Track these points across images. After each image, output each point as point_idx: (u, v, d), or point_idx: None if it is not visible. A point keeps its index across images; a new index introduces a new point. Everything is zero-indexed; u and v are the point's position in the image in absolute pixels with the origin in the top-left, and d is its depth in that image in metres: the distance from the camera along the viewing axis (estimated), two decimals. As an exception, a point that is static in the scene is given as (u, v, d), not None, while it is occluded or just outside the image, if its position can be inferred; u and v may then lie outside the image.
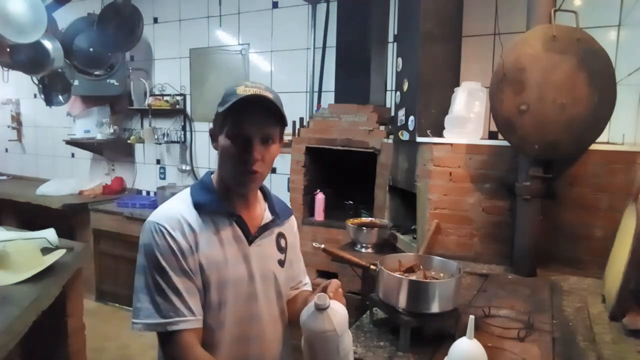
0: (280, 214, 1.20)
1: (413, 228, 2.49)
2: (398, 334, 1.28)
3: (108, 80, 4.07)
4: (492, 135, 2.46)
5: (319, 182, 3.11)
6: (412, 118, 2.29)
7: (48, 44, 3.35)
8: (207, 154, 4.05)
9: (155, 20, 4.19)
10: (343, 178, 3.15)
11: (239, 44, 3.76)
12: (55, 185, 4.31)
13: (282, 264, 1.19)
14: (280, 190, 3.44)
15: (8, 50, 3.21)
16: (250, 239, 1.12)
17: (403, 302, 1.27)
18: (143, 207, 3.92)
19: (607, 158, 1.91)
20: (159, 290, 0.99)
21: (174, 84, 4.10)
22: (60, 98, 4.03)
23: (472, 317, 1.02)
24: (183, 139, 4.11)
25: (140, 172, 4.51)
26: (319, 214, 2.97)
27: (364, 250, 2.54)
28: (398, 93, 2.54)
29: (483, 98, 2.23)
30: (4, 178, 5.25)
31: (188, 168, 4.11)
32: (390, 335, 1.36)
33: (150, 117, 4.13)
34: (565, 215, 1.99)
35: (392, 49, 3.06)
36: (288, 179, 3.20)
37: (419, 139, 2.24)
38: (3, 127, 5.33)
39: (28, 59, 3.34)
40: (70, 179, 4.53)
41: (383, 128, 2.76)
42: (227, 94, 1.04)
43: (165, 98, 4.06)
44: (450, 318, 1.31)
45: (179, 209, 1.06)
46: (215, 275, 1.05)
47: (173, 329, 0.98)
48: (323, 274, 2.86)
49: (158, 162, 4.37)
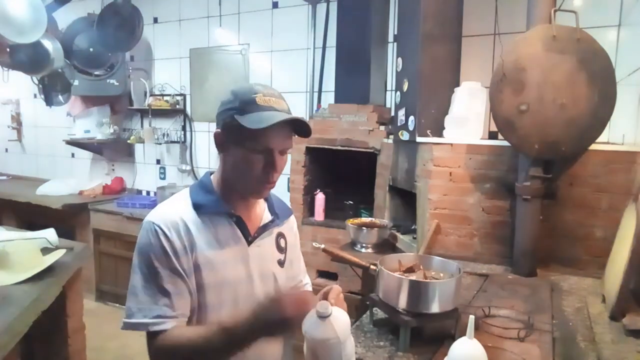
0: (280, 214, 1.20)
1: (413, 228, 2.49)
2: (398, 334, 1.28)
3: (108, 80, 4.07)
4: (492, 135, 2.45)
5: (319, 182, 3.11)
6: (412, 118, 2.29)
7: (48, 44, 3.35)
8: (207, 154, 4.05)
9: (155, 20, 4.19)
10: (343, 178, 3.15)
11: (239, 44, 3.76)
12: (55, 185, 4.31)
13: (281, 264, 1.19)
14: (280, 190, 3.44)
15: (8, 50, 3.21)
16: (250, 240, 1.12)
17: (403, 302, 1.27)
18: (143, 207, 3.92)
19: (607, 158, 1.91)
20: (147, 290, 0.99)
21: (174, 84, 4.10)
22: (60, 98, 4.03)
23: (472, 317, 1.01)
24: (183, 139, 4.11)
25: (140, 172, 4.51)
26: (319, 214, 2.97)
27: (364, 250, 2.54)
28: (398, 93, 2.54)
29: (483, 98, 2.22)
30: (4, 178, 5.25)
31: (188, 168, 4.11)
32: (390, 335, 1.36)
33: (150, 117, 4.13)
34: (565, 215, 1.99)
35: (392, 49, 3.06)
36: (288, 179, 3.20)
37: (419, 139, 2.24)
38: (3, 127, 5.33)
39: (28, 59, 3.34)
40: (70, 179, 4.53)
41: (383, 128, 2.76)
42: (245, 101, 1.00)
43: (165, 98, 4.06)
44: (450, 318, 1.31)
45: (178, 209, 1.06)
46: (213, 276, 1.05)
47: (156, 329, 0.98)
48: (323, 274, 2.86)
49: (158, 162, 4.37)
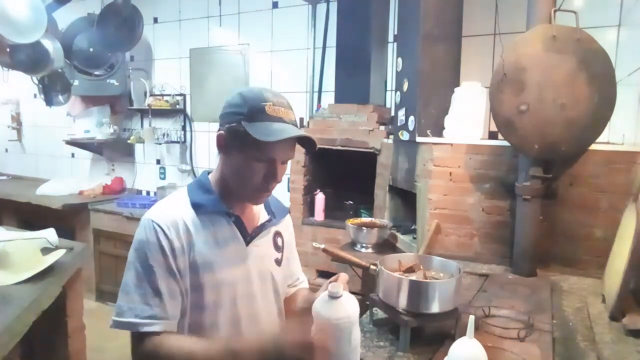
0: (277, 213, 1.21)
1: (413, 228, 2.49)
2: (398, 334, 1.28)
3: (108, 80, 4.07)
4: (492, 135, 2.46)
5: (319, 182, 3.11)
6: (412, 118, 2.29)
7: (48, 44, 3.35)
8: (207, 154, 4.05)
9: (155, 20, 4.19)
10: (343, 178, 3.15)
11: (239, 44, 3.76)
12: (55, 185, 4.31)
13: (279, 263, 1.19)
14: (280, 190, 3.44)
15: (8, 50, 3.21)
16: (248, 239, 1.12)
17: (403, 302, 1.27)
18: (143, 207, 3.91)
19: (607, 158, 1.91)
20: (139, 289, 0.99)
21: (174, 84, 4.10)
22: (60, 98, 4.03)
23: (472, 317, 1.02)
24: (183, 139, 4.11)
25: (140, 172, 4.50)
26: (319, 214, 2.97)
27: (364, 250, 2.54)
28: (398, 93, 2.54)
29: (483, 98, 2.22)
30: (4, 178, 5.25)
31: (188, 168, 4.11)
32: (390, 335, 1.36)
33: (150, 117, 4.13)
34: (565, 215, 1.99)
35: (392, 49, 3.06)
36: (288, 179, 3.20)
37: (419, 139, 2.24)
38: (3, 127, 5.33)
39: (28, 59, 3.33)
40: (70, 179, 4.53)
41: (383, 128, 2.76)
42: (254, 109, 1.00)
43: (165, 98, 4.06)
44: (450, 318, 1.31)
45: (176, 208, 1.06)
46: (211, 276, 1.05)
47: (146, 330, 0.98)
48: (323, 274, 2.86)
49: (158, 162, 4.37)
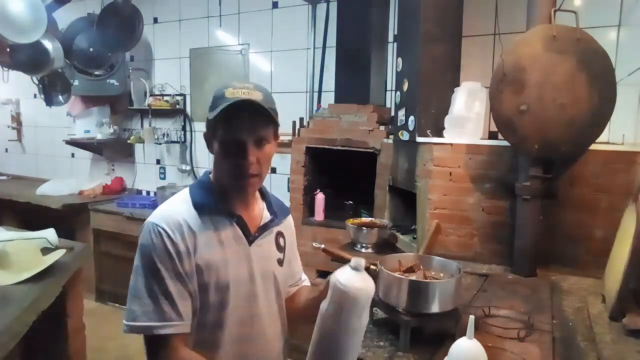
0: (279, 213, 1.21)
1: (413, 228, 2.49)
2: (398, 334, 1.28)
3: (108, 80, 4.07)
4: (492, 135, 2.45)
5: (319, 182, 3.11)
6: (412, 118, 2.29)
7: (48, 44, 3.34)
8: (207, 154, 4.05)
9: (155, 20, 4.19)
10: (343, 178, 3.15)
11: (239, 44, 3.76)
12: (55, 185, 4.31)
13: (281, 263, 1.19)
14: (280, 190, 3.44)
15: (8, 50, 3.21)
16: (251, 239, 1.12)
17: (403, 302, 1.27)
18: (143, 207, 3.92)
19: (607, 158, 1.91)
20: (151, 293, 0.99)
21: (174, 84, 4.10)
22: (60, 98, 4.03)
23: (472, 317, 1.02)
24: (183, 139, 4.11)
25: (140, 172, 4.50)
26: (319, 214, 2.97)
27: (364, 250, 2.54)
28: (398, 93, 2.54)
29: (483, 98, 2.22)
30: (4, 178, 5.25)
31: (188, 168, 4.11)
32: (390, 335, 1.36)
33: (150, 117, 4.13)
34: (565, 215, 1.99)
35: (392, 49, 3.06)
36: (288, 179, 3.20)
37: (419, 139, 2.24)
38: (3, 127, 5.33)
39: (28, 59, 3.33)
40: (70, 179, 4.53)
41: (383, 128, 2.76)
42: (216, 97, 1.03)
43: (165, 98, 4.06)
44: (450, 318, 1.31)
45: (179, 210, 1.06)
46: (215, 276, 1.05)
47: (159, 333, 0.98)
48: (323, 274, 2.86)
49: (158, 162, 4.37)
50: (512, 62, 1.82)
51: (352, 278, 0.94)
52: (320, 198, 2.97)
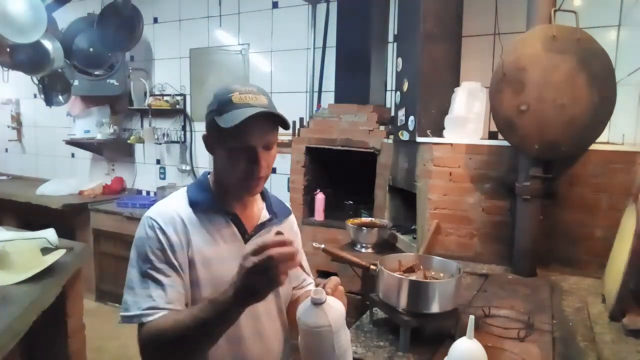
0: (279, 213, 1.20)
1: (413, 228, 2.49)
2: (398, 334, 1.28)
3: (108, 80, 4.07)
4: (492, 135, 2.45)
5: (319, 182, 3.11)
6: (412, 118, 2.29)
7: (48, 44, 3.34)
8: (207, 154, 4.01)
9: (155, 20, 4.19)
10: (343, 178, 3.15)
11: (239, 44, 3.76)
12: (55, 185, 4.31)
13: None
14: (280, 190, 3.44)
15: (8, 50, 3.21)
16: (247, 237, 1.12)
17: (403, 302, 1.27)
18: (143, 207, 3.91)
19: (607, 158, 1.91)
20: (142, 284, 1.00)
21: (174, 84, 4.10)
22: (60, 98, 4.03)
23: (472, 317, 1.02)
24: (183, 139, 4.11)
25: (140, 172, 4.50)
26: (319, 214, 2.97)
27: (364, 250, 2.54)
28: (398, 93, 2.54)
29: (483, 98, 2.22)
30: (4, 178, 5.25)
31: (188, 168, 4.11)
32: (390, 335, 1.36)
33: (150, 117, 4.13)
34: (565, 215, 1.99)
35: (392, 49, 3.06)
36: (288, 179, 3.20)
37: (419, 139, 2.24)
38: (3, 127, 5.33)
39: (28, 59, 3.33)
40: (70, 179, 4.53)
41: (383, 128, 2.76)
42: (222, 102, 1.02)
43: (165, 98, 4.06)
44: (450, 318, 1.31)
45: (175, 206, 1.07)
46: (209, 273, 1.05)
47: (147, 320, 0.98)
48: (323, 274, 2.85)
49: (158, 162, 4.37)
50: (512, 62, 1.82)
51: (312, 315, 0.91)
52: (320, 198, 2.97)
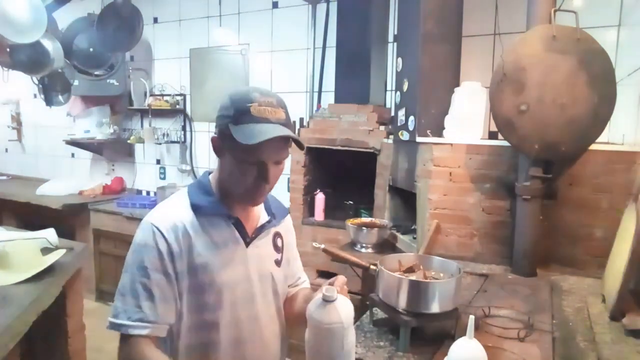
0: (277, 214, 1.20)
1: (413, 228, 2.49)
2: (398, 334, 1.28)
3: (108, 80, 4.07)
4: (492, 135, 2.46)
5: (319, 182, 3.11)
6: (412, 118, 2.29)
7: (48, 44, 3.34)
8: (207, 154, 4.05)
9: (155, 20, 4.19)
10: (343, 178, 3.15)
11: (239, 44, 3.76)
12: (55, 185, 4.31)
13: (278, 264, 1.19)
14: (280, 190, 3.44)
15: (8, 50, 3.21)
16: (248, 241, 1.12)
17: (403, 302, 1.27)
18: (143, 207, 3.91)
19: (607, 158, 1.91)
20: (134, 292, 1.00)
21: (174, 84, 4.10)
22: (60, 98, 4.02)
23: (472, 317, 1.02)
24: (183, 139, 4.11)
25: (140, 172, 4.50)
26: (319, 214, 2.97)
27: (364, 250, 2.54)
28: (398, 93, 2.54)
29: (483, 98, 2.22)
30: (4, 178, 5.25)
31: (188, 168, 4.11)
32: (390, 335, 1.36)
33: (150, 117, 4.13)
34: (565, 215, 1.99)
35: (392, 49, 3.06)
36: (288, 179, 3.19)
37: (419, 139, 2.24)
38: (3, 127, 5.33)
39: (28, 59, 3.33)
40: (70, 179, 4.53)
41: (383, 128, 2.76)
42: (239, 111, 0.97)
43: (165, 98, 4.05)
44: (450, 318, 1.31)
45: (176, 211, 1.06)
46: (211, 278, 1.05)
47: (134, 333, 0.98)
48: (323, 274, 2.85)
49: (158, 162, 4.37)
50: (512, 62, 1.82)
51: (325, 312, 0.93)
52: (320, 198, 2.97)
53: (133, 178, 4.55)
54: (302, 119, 3.32)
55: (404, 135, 2.37)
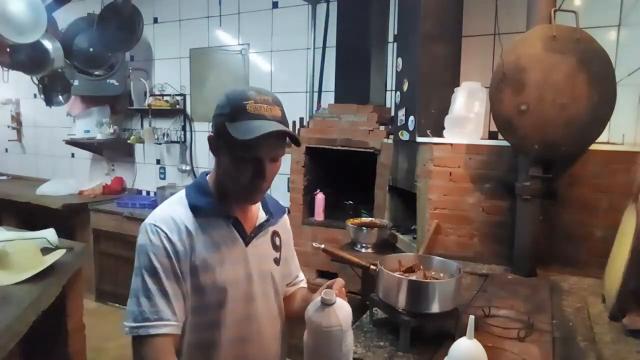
0: (274, 213, 1.21)
1: (413, 228, 2.49)
2: (398, 334, 1.28)
3: (108, 80, 4.07)
4: (492, 135, 2.45)
5: (319, 182, 3.11)
6: (412, 118, 2.29)
7: (48, 44, 3.34)
8: (207, 154, 4.05)
9: (155, 20, 4.19)
10: (343, 178, 3.15)
11: (239, 44, 3.76)
12: (55, 185, 4.31)
13: (277, 262, 1.20)
14: (280, 190, 3.44)
15: (8, 50, 3.21)
16: (247, 240, 1.12)
17: (403, 302, 1.27)
18: (143, 207, 3.92)
19: (607, 158, 1.91)
20: (147, 293, 0.99)
21: (174, 84, 4.10)
22: (60, 98, 4.02)
23: (472, 317, 1.02)
24: (183, 139, 4.11)
25: (140, 172, 4.50)
26: (319, 214, 2.97)
27: (364, 250, 2.54)
28: (398, 93, 2.54)
29: (483, 98, 2.22)
30: (4, 178, 5.25)
31: (188, 168, 4.11)
32: (390, 335, 1.36)
33: (150, 117, 4.13)
34: (565, 215, 1.99)
35: (392, 49, 3.06)
36: (288, 179, 3.19)
37: (419, 139, 2.24)
38: (3, 127, 5.33)
39: (28, 59, 3.33)
40: (70, 179, 4.53)
41: (383, 128, 2.76)
42: (235, 108, 0.98)
43: (165, 98, 4.06)
44: (450, 318, 1.31)
45: (176, 212, 1.06)
46: (212, 277, 1.05)
47: (154, 333, 0.98)
48: (323, 274, 2.86)
49: (158, 162, 4.37)
50: (512, 62, 1.82)
51: (323, 315, 0.94)
52: (320, 198, 2.97)
53: (133, 178, 4.55)
54: (302, 119, 3.32)
55: (404, 135, 2.37)
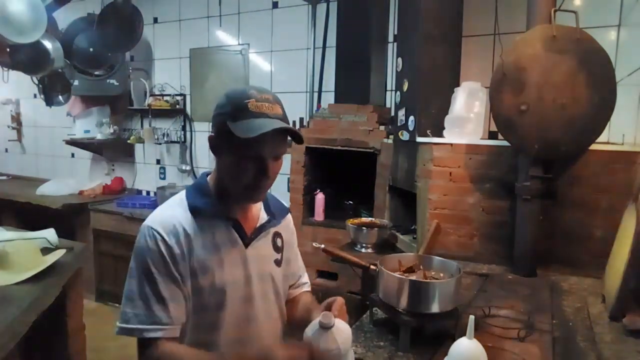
0: (276, 214, 1.20)
1: (413, 228, 2.49)
2: (398, 334, 1.28)
3: (108, 80, 4.07)
4: (492, 135, 2.46)
5: (319, 182, 3.11)
6: (412, 118, 2.29)
7: (48, 44, 3.34)
8: (207, 154, 4.05)
9: (155, 20, 4.19)
10: (343, 178, 3.15)
11: (239, 44, 3.76)
12: (55, 185, 4.31)
13: (278, 264, 1.19)
14: (280, 191, 3.44)
15: (8, 50, 3.21)
16: (247, 242, 1.11)
17: (403, 302, 1.27)
18: (143, 207, 3.91)
19: (607, 158, 1.91)
20: (143, 296, 1.00)
21: (174, 84, 4.10)
22: (60, 98, 4.03)
23: (472, 317, 1.02)
24: (183, 139, 4.11)
25: (140, 172, 4.50)
26: (319, 214, 2.97)
27: (364, 250, 2.54)
28: (398, 93, 2.54)
29: (483, 98, 2.22)
30: (4, 178, 5.25)
31: (188, 168, 4.11)
32: (390, 335, 1.35)
33: (150, 117, 4.13)
34: (565, 215, 1.99)
35: (392, 49, 3.06)
36: (288, 179, 3.19)
37: (419, 139, 2.24)
38: (3, 127, 5.32)
39: (28, 59, 3.33)
40: (70, 179, 4.52)
41: (383, 128, 2.76)
42: (237, 107, 0.99)
43: (165, 98, 4.05)
44: (450, 318, 1.31)
45: (175, 214, 1.06)
46: (211, 279, 1.05)
47: (150, 336, 0.99)
48: (323, 274, 2.86)
49: (158, 162, 4.37)
50: (512, 62, 1.82)
51: (322, 338, 0.93)
52: (320, 198, 2.97)
53: (133, 178, 4.55)
54: (302, 119, 3.32)
55: (404, 135, 2.37)
